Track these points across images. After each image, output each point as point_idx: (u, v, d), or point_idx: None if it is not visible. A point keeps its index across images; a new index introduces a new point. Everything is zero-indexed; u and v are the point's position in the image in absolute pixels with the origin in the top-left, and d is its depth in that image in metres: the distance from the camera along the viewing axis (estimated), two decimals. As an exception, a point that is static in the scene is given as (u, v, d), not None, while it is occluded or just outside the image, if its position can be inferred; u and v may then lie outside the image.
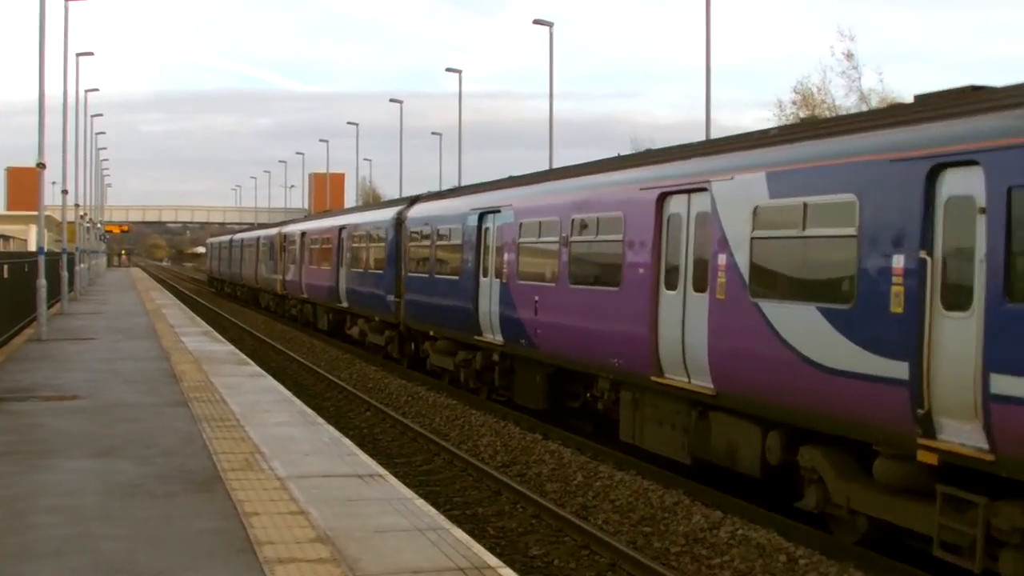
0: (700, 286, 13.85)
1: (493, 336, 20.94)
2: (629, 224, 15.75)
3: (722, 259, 13.20)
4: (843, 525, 11.74)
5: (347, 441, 13.82)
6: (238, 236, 68.51)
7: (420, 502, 10.53)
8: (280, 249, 48.06)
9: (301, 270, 42.17)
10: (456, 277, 23.02)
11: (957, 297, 9.67)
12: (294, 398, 17.65)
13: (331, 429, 14.66)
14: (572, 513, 13.49)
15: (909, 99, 11.59)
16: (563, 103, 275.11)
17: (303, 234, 42.82)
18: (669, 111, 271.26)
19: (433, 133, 74.59)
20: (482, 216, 21.89)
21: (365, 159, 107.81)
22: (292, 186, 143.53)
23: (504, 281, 20.30)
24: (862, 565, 10.97)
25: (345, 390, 24.68)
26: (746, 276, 12.75)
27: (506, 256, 20.31)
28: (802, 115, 52.69)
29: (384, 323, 29.58)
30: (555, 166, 36.83)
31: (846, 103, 52.52)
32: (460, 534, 9.38)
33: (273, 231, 52.13)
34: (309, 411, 16.23)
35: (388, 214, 29.89)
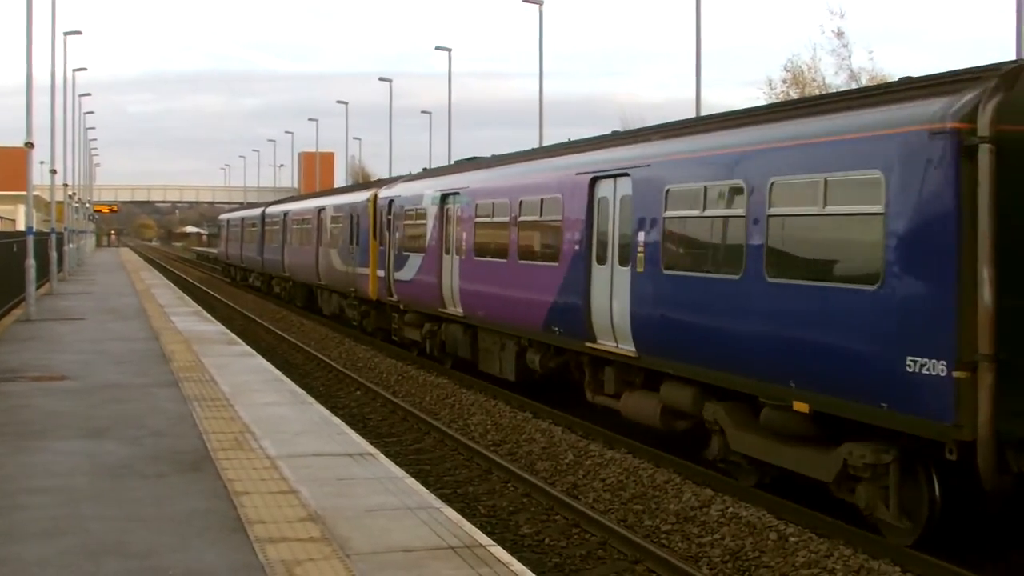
0: None
1: None
2: None
3: None
4: None
5: (337, 420, 13.82)
6: (276, 208, 48.22)
7: (411, 481, 10.53)
8: (377, 227, 29.03)
9: (443, 265, 23.13)
10: None
11: None
12: (284, 377, 17.63)
13: (321, 408, 14.65)
14: (563, 491, 13.50)
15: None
16: (550, 82, 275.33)
17: (447, 199, 23.30)
18: (656, 90, 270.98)
19: (423, 112, 74.47)
20: None
21: (355, 138, 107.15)
22: (281, 165, 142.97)
23: None
24: (851, 542, 11.00)
25: (335, 369, 24.64)
26: None
27: None
28: (793, 93, 52.59)
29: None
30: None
31: (836, 81, 52.41)
32: (451, 513, 9.38)
33: (357, 197, 32.34)
34: (299, 390, 16.22)
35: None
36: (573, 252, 16.85)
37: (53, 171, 49.98)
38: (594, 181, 16.39)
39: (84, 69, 70.10)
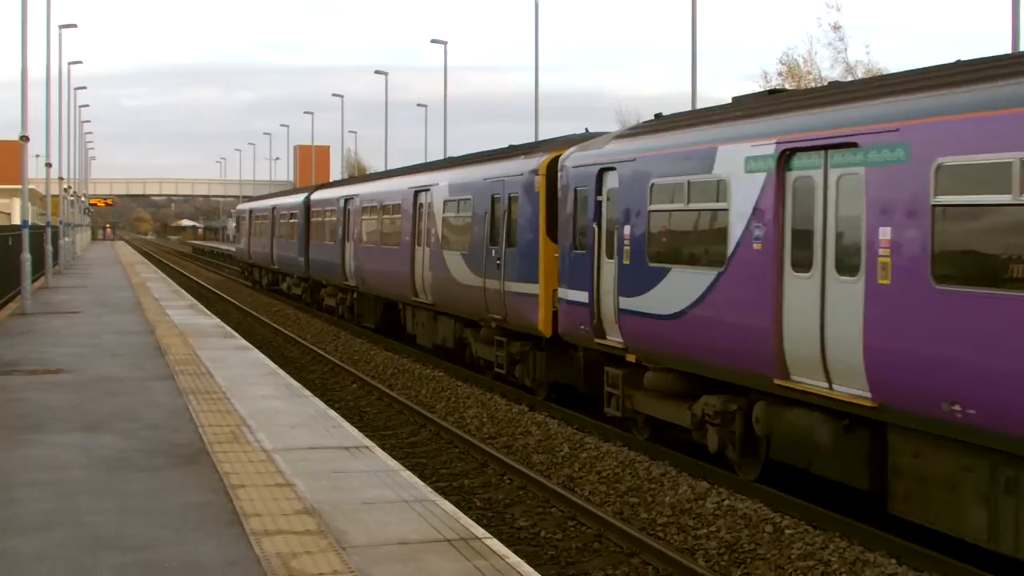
0: None
1: None
2: None
3: None
4: None
5: (333, 413, 13.82)
6: (329, 193, 36.46)
7: (407, 474, 10.54)
8: (556, 216, 17.75)
9: (788, 295, 11.69)
10: None
11: None
12: (280, 371, 17.63)
13: (317, 402, 14.65)
14: (559, 484, 13.51)
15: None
16: (547, 76, 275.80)
17: (792, 161, 11.54)
18: (651, 85, 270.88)
19: (419, 105, 74.13)
20: None
21: (351, 131, 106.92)
22: (277, 158, 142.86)
23: None
24: (847, 534, 11.02)
25: (331, 363, 24.64)
26: None
27: None
28: (788, 86, 52.58)
29: None
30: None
31: (832, 74, 52.41)
32: (447, 506, 9.39)
33: (506, 168, 20.23)
34: (295, 384, 16.22)
35: None
36: None
37: (48, 165, 50.00)
38: None
39: (79, 62, 70.03)
